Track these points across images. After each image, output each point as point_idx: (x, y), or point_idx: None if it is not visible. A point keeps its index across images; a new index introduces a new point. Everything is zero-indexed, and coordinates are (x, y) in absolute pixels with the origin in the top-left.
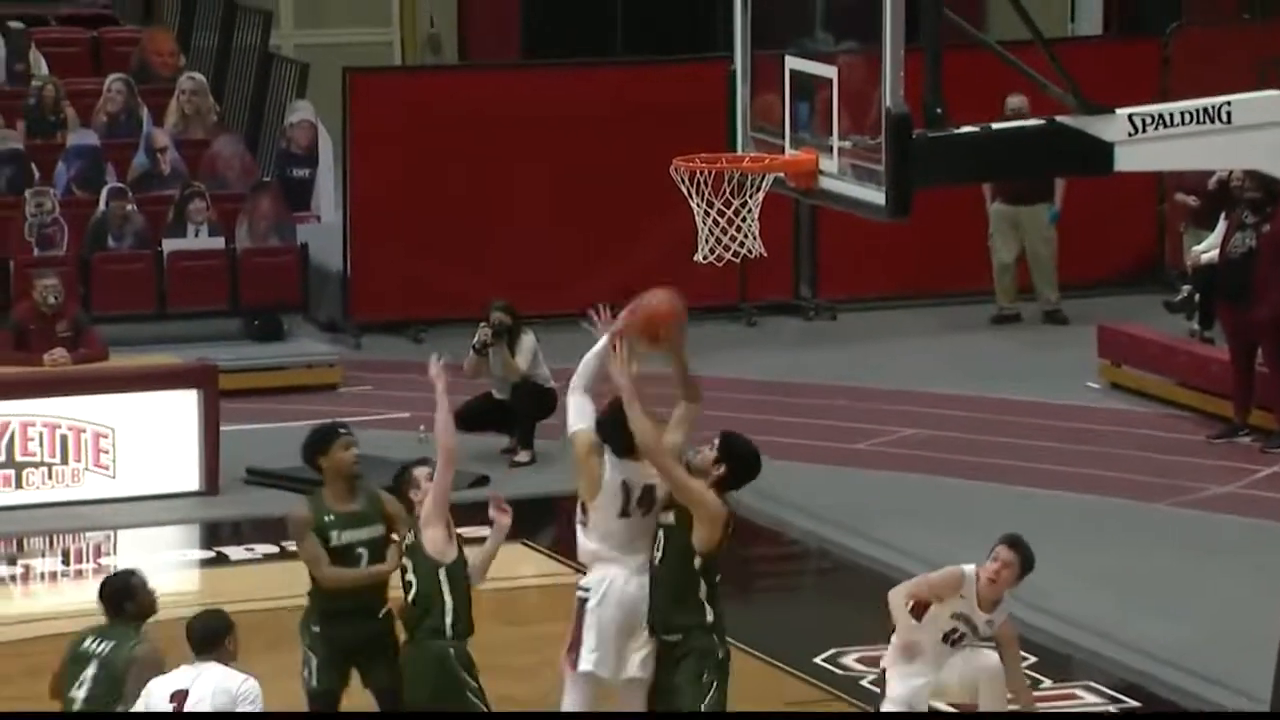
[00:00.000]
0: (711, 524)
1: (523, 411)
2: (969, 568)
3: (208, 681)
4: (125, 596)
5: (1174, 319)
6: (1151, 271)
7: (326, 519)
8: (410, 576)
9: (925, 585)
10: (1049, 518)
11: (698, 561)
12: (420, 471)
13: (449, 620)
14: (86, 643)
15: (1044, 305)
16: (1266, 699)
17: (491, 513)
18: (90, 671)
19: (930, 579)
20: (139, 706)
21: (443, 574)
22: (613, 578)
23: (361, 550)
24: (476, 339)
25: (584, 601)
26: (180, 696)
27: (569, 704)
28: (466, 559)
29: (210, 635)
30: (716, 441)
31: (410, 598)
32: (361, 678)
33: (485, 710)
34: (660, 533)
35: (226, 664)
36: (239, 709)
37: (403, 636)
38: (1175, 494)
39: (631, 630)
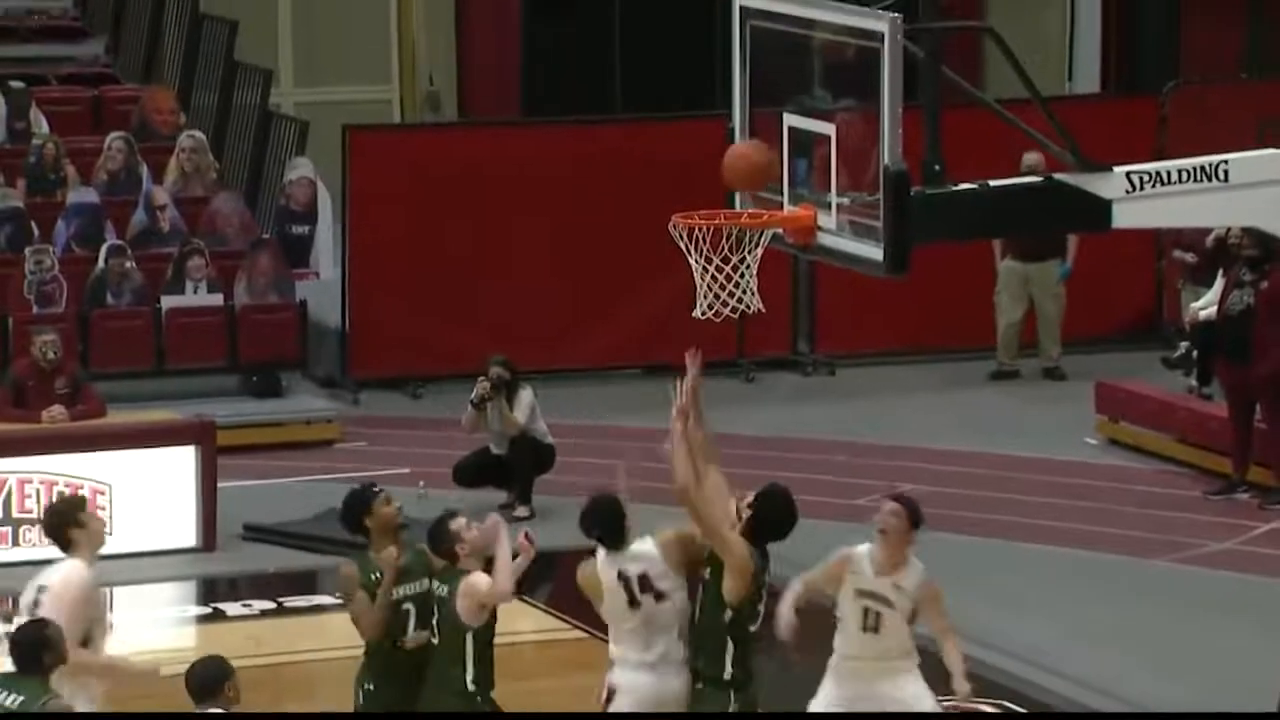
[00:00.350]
0: (739, 575)
1: (521, 466)
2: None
3: None
4: (42, 648)
5: (1172, 375)
6: (1150, 328)
7: (374, 576)
8: (436, 626)
9: (809, 581)
10: (1047, 573)
11: (728, 614)
12: (457, 524)
13: (469, 677)
14: None
15: (1044, 362)
16: None
17: (520, 542)
18: None
19: (812, 572)
20: None
21: (469, 636)
22: (633, 684)
23: (409, 606)
24: (475, 394)
25: (610, 698)
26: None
27: None
28: (494, 620)
29: (209, 682)
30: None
31: (436, 644)
32: None
33: None
34: (701, 584)
35: (228, 709)
36: None
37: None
38: (1173, 550)
39: None
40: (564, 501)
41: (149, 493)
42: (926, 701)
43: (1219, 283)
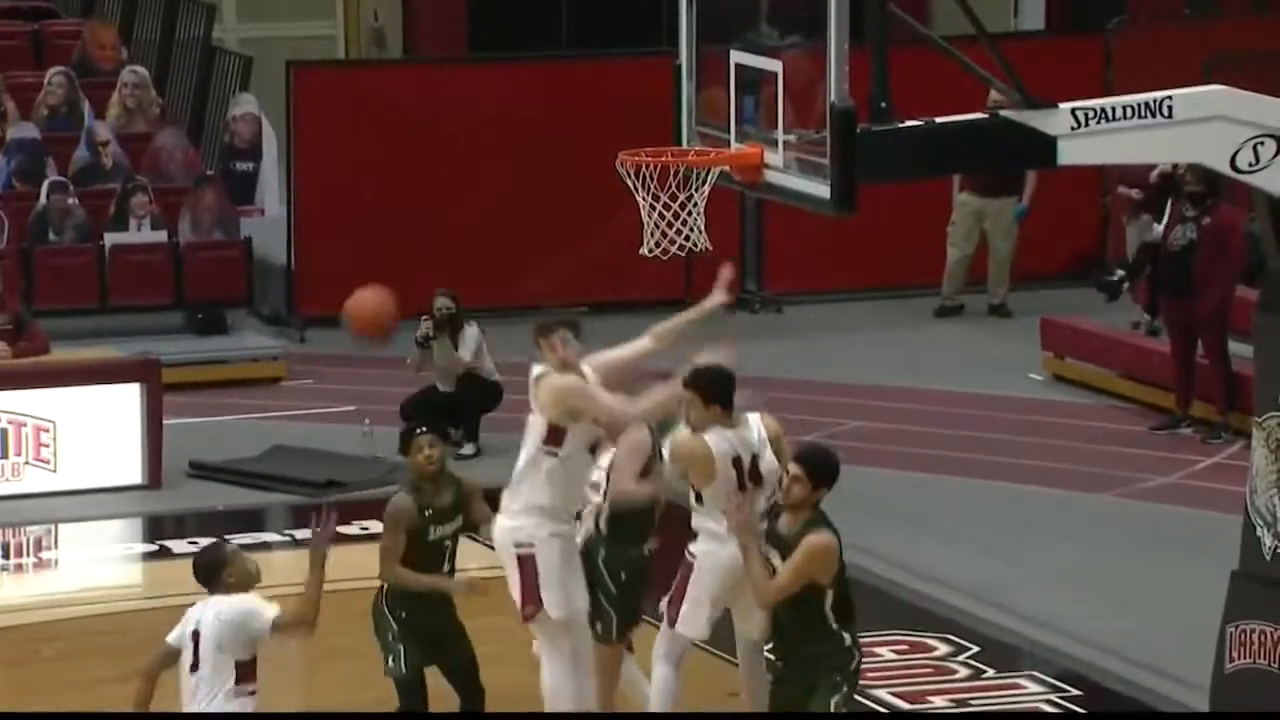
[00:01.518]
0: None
1: (468, 404)
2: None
3: (211, 611)
4: (222, 566)
5: (1116, 313)
6: (1095, 265)
7: (427, 514)
8: None
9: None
10: (991, 509)
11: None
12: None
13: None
14: None
15: (991, 299)
16: (1206, 685)
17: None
18: None
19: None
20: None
21: None
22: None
23: (448, 544)
24: (419, 333)
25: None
26: (195, 637)
27: (665, 650)
28: None
29: (210, 566)
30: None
31: None
32: (441, 657)
33: None
34: None
35: (228, 594)
36: (250, 627)
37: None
38: (1117, 485)
39: (732, 598)
40: (512, 439)
41: (94, 430)
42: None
43: (1134, 226)
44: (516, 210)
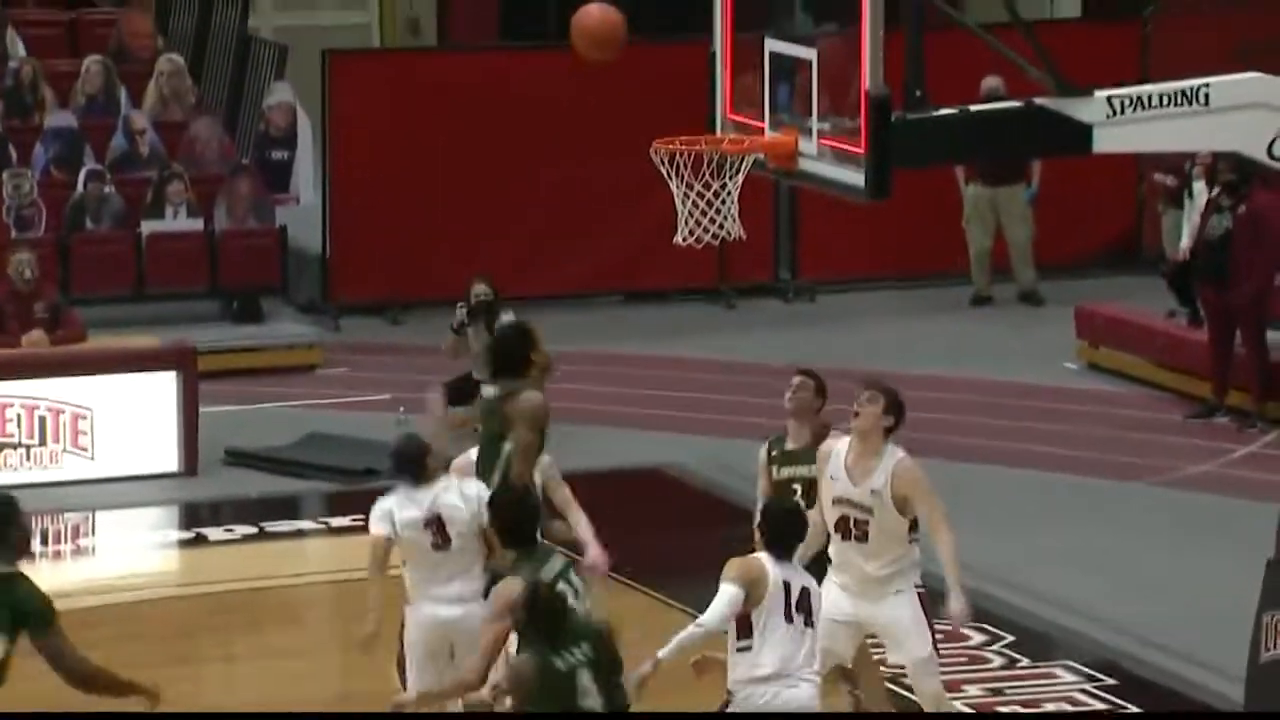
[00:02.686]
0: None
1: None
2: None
3: (452, 490)
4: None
5: (1151, 299)
6: (1130, 252)
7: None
8: None
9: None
10: (1027, 496)
11: None
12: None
13: None
14: None
15: (1020, 286)
16: (1242, 675)
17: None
18: None
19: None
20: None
21: None
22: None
23: None
24: (455, 319)
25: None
26: (433, 521)
27: None
28: None
29: (412, 455)
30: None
31: None
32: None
33: None
34: None
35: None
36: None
37: None
38: (1153, 473)
39: None
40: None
41: (130, 417)
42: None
43: (1192, 208)
44: (550, 197)
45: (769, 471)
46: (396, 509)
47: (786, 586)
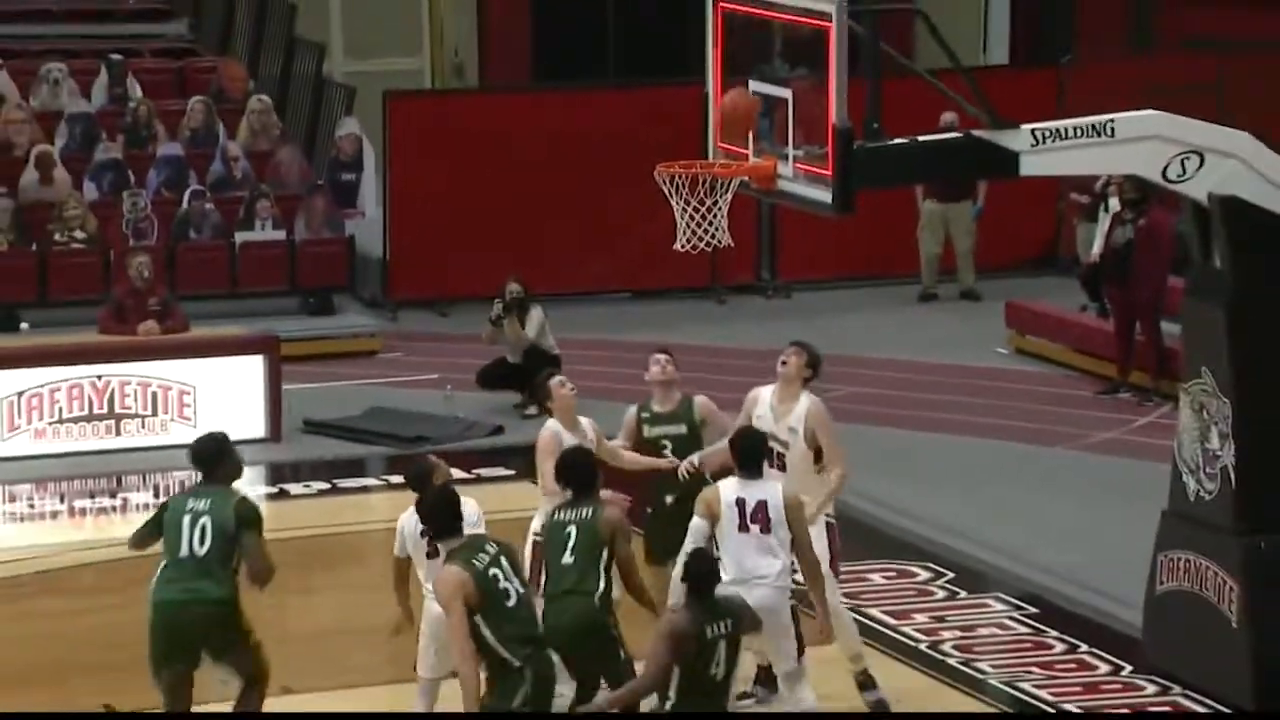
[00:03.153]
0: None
1: (533, 373)
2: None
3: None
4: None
5: (1070, 297)
6: (1051, 257)
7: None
8: None
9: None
10: (965, 460)
11: None
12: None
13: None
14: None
15: (961, 286)
16: (1140, 605)
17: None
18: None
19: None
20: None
21: None
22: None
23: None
24: (492, 312)
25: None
26: (427, 532)
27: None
28: None
29: (420, 475)
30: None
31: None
32: None
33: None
34: None
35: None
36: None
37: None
38: (1069, 440)
39: None
40: None
41: (226, 393)
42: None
43: (1104, 221)
44: (572, 212)
45: (638, 431)
46: (406, 523)
47: (741, 504)
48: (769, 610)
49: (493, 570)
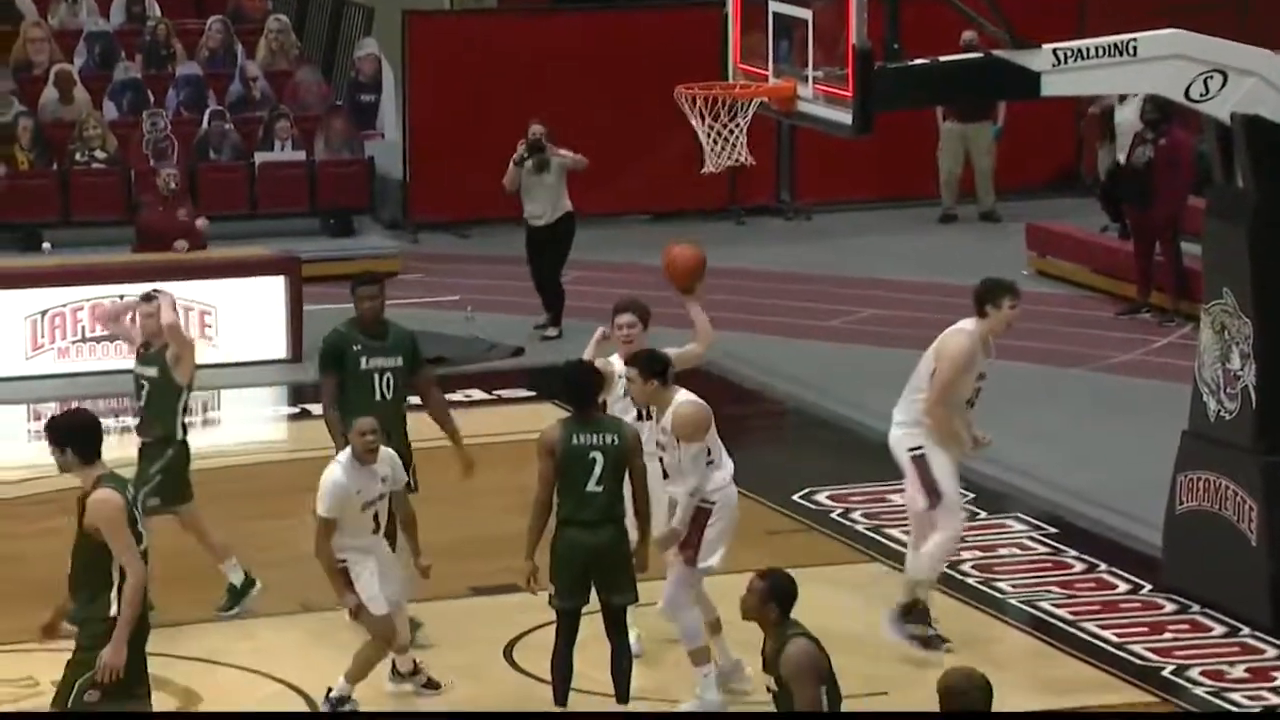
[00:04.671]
0: None
1: (564, 236)
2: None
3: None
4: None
5: (1090, 218)
6: (1071, 178)
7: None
8: None
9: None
10: (985, 381)
11: None
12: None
13: None
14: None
15: (981, 207)
16: (1160, 525)
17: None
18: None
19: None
20: None
21: None
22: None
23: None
24: (515, 154)
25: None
26: None
27: (685, 595)
28: None
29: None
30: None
31: None
32: None
33: None
34: None
35: None
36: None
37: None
38: (1089, 361)
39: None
40: (589, 325)
41: (248, 314)
42: None
43: (1121, 141)
44: (591, 133)
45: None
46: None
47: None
48: None
49: None
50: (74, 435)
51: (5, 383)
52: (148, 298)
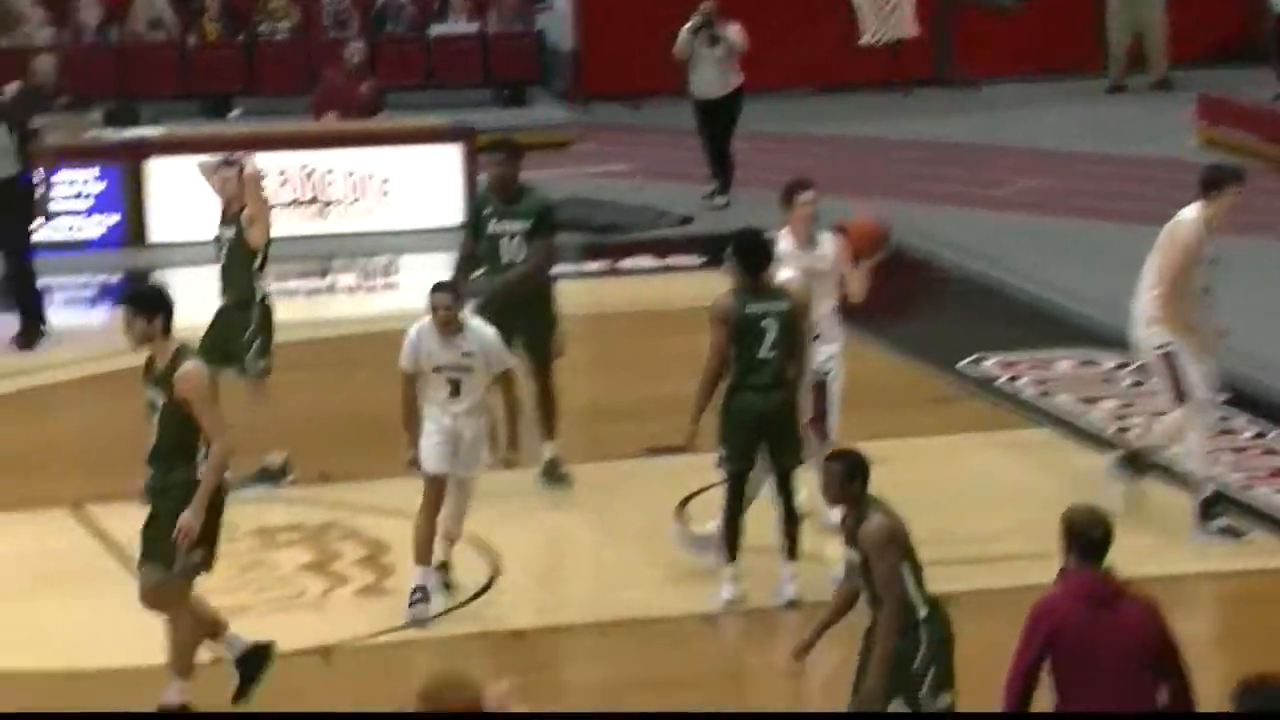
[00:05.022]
0: None
1: (726, 124)
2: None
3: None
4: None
5: (1259, 88)
6: (1244, 47)
7: None
8: None
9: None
10: (1130, 246)
11: None
12: None
13: None
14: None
15: (1153, 76)
16: None
17: None
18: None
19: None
20: None
21: None
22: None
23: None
24: (691, 23)
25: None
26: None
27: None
28: None
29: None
30: None
31: None
32: None
33: None
34: None
35: None
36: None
37: None
38: (1258, 230)
39: None
40: (755, 193)
41: (424, 181)
42: None
43: None
44: (754, 10)
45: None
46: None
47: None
48: None
49: None
50: (164, 305)
51: (200, 247)
52: (228, 162)
